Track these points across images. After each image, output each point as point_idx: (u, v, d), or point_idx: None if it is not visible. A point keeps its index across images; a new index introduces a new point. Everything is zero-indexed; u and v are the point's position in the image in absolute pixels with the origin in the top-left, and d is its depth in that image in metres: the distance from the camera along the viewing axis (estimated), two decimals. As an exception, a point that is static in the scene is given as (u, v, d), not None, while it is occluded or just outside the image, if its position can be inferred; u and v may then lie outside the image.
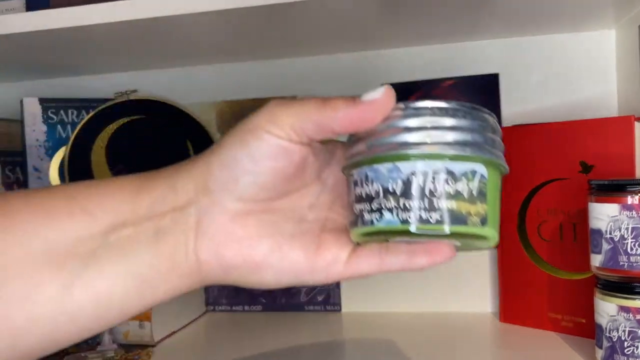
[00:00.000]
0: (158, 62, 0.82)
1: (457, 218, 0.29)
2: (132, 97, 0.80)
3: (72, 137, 0.76)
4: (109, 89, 0.86)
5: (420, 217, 0.29)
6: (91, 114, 0.77)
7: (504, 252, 0.71)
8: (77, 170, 0.76)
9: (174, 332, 0.74)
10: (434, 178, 0.29)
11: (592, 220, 0.52)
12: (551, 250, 0.66)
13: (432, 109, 0.30)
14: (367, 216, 0.30)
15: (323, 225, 0.35)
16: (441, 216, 0.29)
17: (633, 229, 0.49)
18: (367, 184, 0.31)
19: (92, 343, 0.70)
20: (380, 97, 0.30)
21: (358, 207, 0.31)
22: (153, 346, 0.68)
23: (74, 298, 0.31)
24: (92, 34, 0.63)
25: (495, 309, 0.76)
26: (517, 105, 0.76)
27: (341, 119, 0.30)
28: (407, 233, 0.29)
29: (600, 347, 0.52)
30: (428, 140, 0.29)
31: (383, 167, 0.30)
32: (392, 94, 0.30)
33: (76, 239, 0.31)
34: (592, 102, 0.74)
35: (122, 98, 0.79)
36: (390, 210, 0.30)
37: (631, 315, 0.49)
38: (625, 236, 0.49)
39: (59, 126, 0.80)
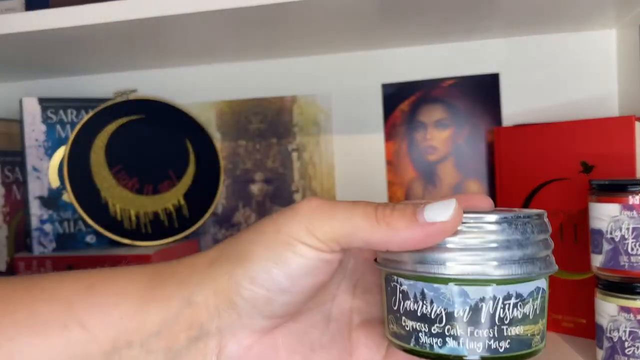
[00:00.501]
0: (158, 62, 0.81)
1: (523, 343, 0.27)
2: (132, 97, 0.80)
3: (72, 137, 0.75)
4: (109, 89, 0.86)
5: (490, 346, 0.27)
6: (90, 113, 0.77)
7: (504, 252, 0.70)
8: (77, 170, 0.76)
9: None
10: (504, 304, 0.27)
11: (593, 220, 0.52)
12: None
13: (498, 223, 0.27)
14: (424, 338, 0.27)
15: (350, 320, 0.31)
16: (509, 344, 0.27)
17: (634, 229, 0.49)
18: (424, 303, 0.27)
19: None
20: (451, 220, 0.25)
21: (410, 323, 0.28)
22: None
23: None
24: (91, 33, 0.63)
25: (495, 309, 0.75)
26: (517, 105, 0.76)
27: (399, 242, 0.25)
28: None
29: (601, 348, 0.52)
30: (499, 262, 0.26)
31: (447, 289, 0.27)
32: (461, 214, 0.26)
33: None
34: (593, 102, 0.73)
35: (122, 98, 0.79)
36: (454, 337, 0.27)
37: (632, 315, 0.49)
38: (626, 236, 0.49)
39: (58, 126, 0.80)
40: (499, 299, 0.26)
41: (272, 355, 0.28)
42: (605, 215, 0.50)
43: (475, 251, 0.26)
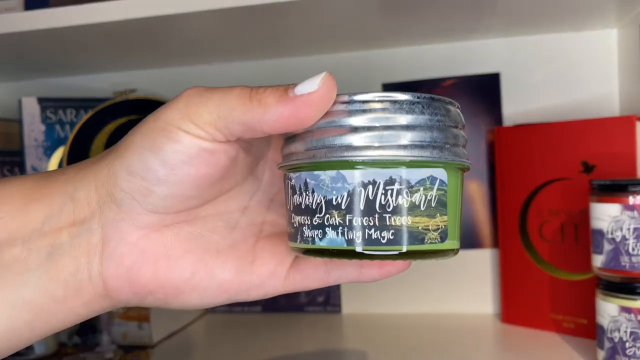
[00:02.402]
0: (158, 61, 0.81)
1: (413, 236, 0.25)
2: (131, 96, 0.79)
3: (71, 137, 0.75)
4: (108, 89, 0.86)
5: (370, 236, 0.24)
6: (90, 113, 0.77)
7: (505, 252, 0.70)
8: (76, 170, 0.75)
9: (173, 333, 0.73)
10: (385, 189, 0.24)
11: (594, 220, 0.52)
12: (553, 251, 0.66)
13: (383, 102, 0.25)
14: (307, 232, 0.26)
15: (259, 230, 0.30)
16: (394, 235, 0.24)
17: (635, 229, 0.49)
18: (307, 193, 0.26)
19: (90, 344, 0.69)
20: (318, 90, 0.24)
21: (297, 219, 0.26)
22: (152, 347, 0.68)
23: None
24: (91, 33, 0.63)
25: (497, 310, 0.75)
26: (518, 105, 0.76)
27: (272, 119, 0.24)
28: (354, 254, 0.25)
29: (602, 348, 0.52)
30: (378, 143, 0.24)
31: (325, 175, 0.25)
32: (331, 84, 0.25)
33: None
34: (594, 102, 0.73)
35: (121, 97, 0.79)
36: (333, 227, 0.25)
37: (633, 315, 0.49)
38: (627, 236, 0.49)
39: (57, 126, 0.79)
40: (379, 183, 0.24)
41: (161, 253, 0.27)
42: (606, 215, 0.50)
43: (354, 133, 0.24)
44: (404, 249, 0.25)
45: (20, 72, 0.84)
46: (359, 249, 0.25)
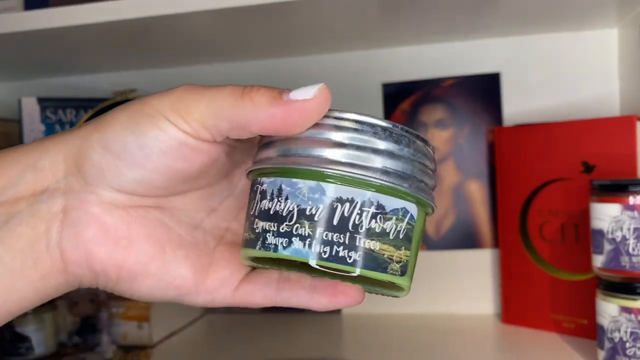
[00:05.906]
0: (157, 61, 0.81)
1: (377, 262, 0.25)
2: (131, 96, 0.79)
3: (71, 137, 0.75)
4: (108, 89, 0.86)
5: (337, 253, 0.24)
6: (89, 113, 0.77)
7: (505, 253, 0.70)
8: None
9: (172, 334, 0.73)
10: (361, 210, 0.24)
11: (594, 220, 0.52)
12: (553, 251, 0.66)
13: (374, 126, 0.25)
14: (270, 239, 0.25)
15: (221, 236, 0.30)
16: (360, 256, 0.24)
17: (635, 229, 0.49)
18: (279, 200, 0.25)
19: (90, 344, 0.69)
20: (314, 98, 0.24)
21: (261, 224, 0.26)
22: (152, 347, 0.68)
23: None
24: (90, 33, 0.63)
25: (497, 310, 0.75)
26: (518, 105, 0.76)
27: (261, 119, 0.24)
28: (312, 269, 0.25)
29: (602, 349, 0.52)
30: (364, 164, 0.24)
31: (304, 184, 0.25)
32: (328, 95, 0.24)
33: None
34: (594, 102, 0.73)
35: (121, 97, 0.79)
36: (301, 238, 0.24)
37: (633, 316, 0.49)
38: (627, 236, 0.49)
39: (57, 126, 0.79)
40: (357, 202, 0.24)
41: (123, 230, 0.26)
42: (606, 215, 0.50)
43: (341, 148, 0.25)
44: (366, 272, 0.25)
45: (20, 72, 0.84)
46: (316, 263, 0.24)
